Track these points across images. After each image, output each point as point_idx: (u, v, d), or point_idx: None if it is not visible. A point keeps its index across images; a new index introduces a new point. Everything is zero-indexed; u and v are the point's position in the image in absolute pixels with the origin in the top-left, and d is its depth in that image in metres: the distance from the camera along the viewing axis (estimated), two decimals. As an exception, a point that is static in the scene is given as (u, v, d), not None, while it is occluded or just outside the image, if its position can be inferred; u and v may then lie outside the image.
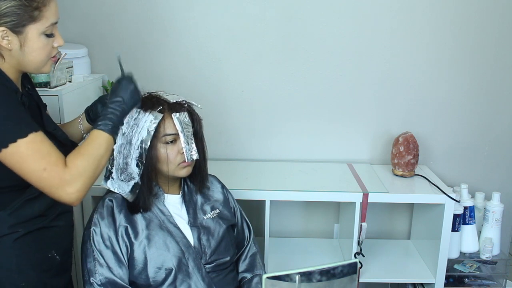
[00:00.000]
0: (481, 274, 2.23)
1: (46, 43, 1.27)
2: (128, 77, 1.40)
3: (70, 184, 1.22)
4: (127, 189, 1.48)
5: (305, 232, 2.50)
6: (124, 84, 1.38)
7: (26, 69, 1.30)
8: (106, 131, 1.31)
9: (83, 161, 1.25)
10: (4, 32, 1.21)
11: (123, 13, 2.24)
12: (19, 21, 1.21)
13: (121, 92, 1.37)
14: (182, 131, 1.50)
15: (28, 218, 1.31)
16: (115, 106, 1.35)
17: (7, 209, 1.28)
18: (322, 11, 2.24)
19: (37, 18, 1.23)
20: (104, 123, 1.32)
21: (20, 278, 1.31)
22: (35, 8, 1.22)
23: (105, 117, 1.33)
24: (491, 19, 2.27)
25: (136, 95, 1.40)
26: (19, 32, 1.22)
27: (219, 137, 2.37)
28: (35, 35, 1.24)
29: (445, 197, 2.04)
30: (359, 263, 1.58)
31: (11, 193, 1.28)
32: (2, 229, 1.28)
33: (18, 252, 1.30)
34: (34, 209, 1.31)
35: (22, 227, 1.30)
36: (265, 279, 1.24)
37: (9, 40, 1.22)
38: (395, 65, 2.31)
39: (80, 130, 1.55)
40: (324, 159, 2.41)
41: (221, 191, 1.70)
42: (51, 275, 1.39)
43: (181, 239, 1.51)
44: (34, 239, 1.33)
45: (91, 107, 1.54)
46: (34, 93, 1.41)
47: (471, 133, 2.40)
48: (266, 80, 2.32)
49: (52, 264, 1.39)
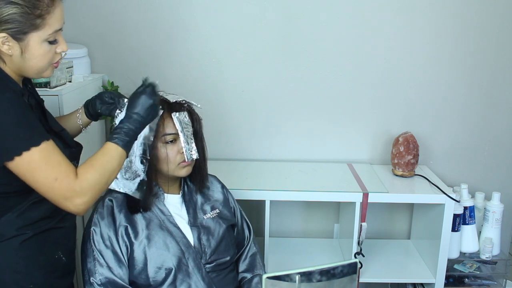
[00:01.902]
0: (481, 274, 2.23)
1: (48, 49, 1.25)
2: (149, 91, 1.37)
3: (79, 196, 1.21)
4: (133, 187, 1.48)
5: (305, 232, 2.50)
6: (143, 99, 1.35)
7: (27, 74, 1.28)
8: (121, 145, 1.29)
9: (94, 174, 1.24)
10: (5, 38, 1.19)
11: (123, 13, 2.24)
12: (20, 29, 1.18)
13: (140, 107, 1.34)
14: (182, 130, 1.50)
15: (35, 220, 1.30)
16: (134, 122, 1.33)
17: (14, 211, 1.27)
18: (322, 11, 2.24)
19: (40, 26, 1.21)
20: (121, 138, 1.30)
21: (28, 280, 1.30)
22: (38, 16, 1.19)
23: (122, 130, 1.31)
24: (491, 19, 2.27)
25: (154, 112, 1.38)
26: (20, 39, 1.20)
27: (219, 137, 2.37)
28: (36, 42, 1.22)
29: (445, 197, 2.04)
30: (359, 263, 1.58)
31: (16, 197, 1.27)
32: (10, 231, 1.27)
33: (26, 254, 1.29)
34: (41, 211, 1.31)
35: (30, 229, 1.29)
36: (265, 279, 1.24)
37: (9, 45, 1.20)
38: (395, 65, 2.31)
39: (79, 125, 1.54)
40: (324, 159, 2.41)
41: (221, 191, 1.70)
42: (58, 276, 1.38)
43: (181, 239, 1.51)
44: (41, 240, 1.32)
45: (90, 101, 1.53)
46: (34, 92, 1.40)
47: (471, 133, 2.40)
48: (266, 80, 2.32)
49: (58, 265, 1.38)
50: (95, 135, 2.18)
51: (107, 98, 1.50)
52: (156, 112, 1.40)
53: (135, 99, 1.36)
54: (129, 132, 1.31)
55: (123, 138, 1.30)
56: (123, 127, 1.31)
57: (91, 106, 1.52)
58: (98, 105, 1.50)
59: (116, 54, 2.28)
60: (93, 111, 1.52)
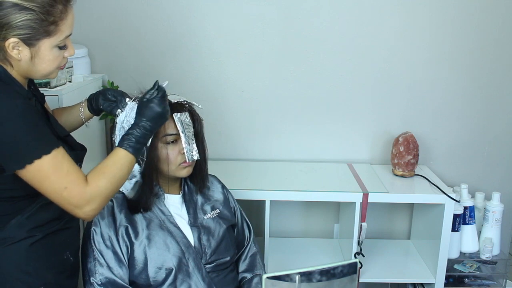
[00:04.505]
0: (481, 274, 2.23)
1: (58, 55, 1.25)
2: (158, 100, 1.36)
3: (89, 203, 1.22)
4: (129, 187, 1.49)
5: (305, 232, 2.50)
6: (153, 108, 1.35)
7: (33, 77, 1.28)
8: (132, 152, 1.29)
9: (105, 181, 1.24)
10: (16, 43, 1.18)
11: (123, 13, 2.24)
12: (33, 35, 1.17)
13: (149, 116, 1.34)
14: (183, 131, 1.50)
15: (44, 222, 1.30)
16: (143, 129, 1.32)
17: (24, 213, 1.27)
18: (322, 11, 2.24)
19: (53, 32, 1.20)
20: (131, 144, 1.30)
21: (38, 281, 1.30)
22: (51, 22, 1.18)
23: (132, 137, 1.31)
24: (491, 19, 2.27)
25: (164, 119, 1.39)
26: (32, 44, 1.19)
27: (219, 137, 2.37)
28: (48, 48, 1.21)
29: (445, 197, 2.04)
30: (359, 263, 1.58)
31: (25, 200, 1.27)
32: (20, 233, 1.27)
33: (35, 255, 1.29)
34: (50, 212, 1.31)
35: (40, 231, 1.30)
36: (265, 279, 1.24)
37: (19, 50, 1.19)
38: (395, 65, 2.31)
39: (81, 118, 1.54)
40: (324, 159, 2.41)
41: (221, 191, 1.70)
42: (66, 276, 1.39)
43: (181, 239, 1.51)
44: (50, 242, 1.32)
45: (94, 96, 1.53)
46: (37, 93, 1.40)
47: (471, 133, 2.40)
48: (266, 80, 2.32)
49: (67, 265, 1.39)
50: (95, 136, 2.18)
51: (110, 95, 1.50)
52: (166, 118, 1.40)
53: (145, 108, 1.35)
54: (140, 139, 1.32)
55: (133, 144, 1.30)
56: (133, 134, 1.31)
57: (94, 101, 1.52)
58: (101, 101, 1.51)
59: (116, 54, 2.28)
60: (95, 106, 1.52)
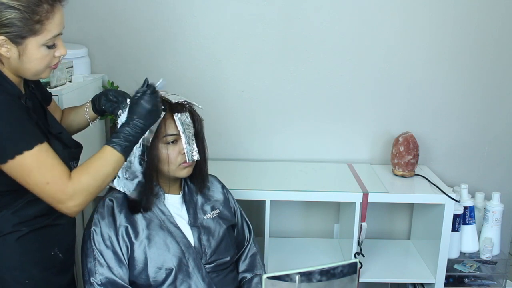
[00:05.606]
0: (481, 274, 2.23)
1: (46, 54, 1.25)
2: (147, 96, 1.35)
3: (71, 199, 1.22)
4: (131, 188, 1.49)
5: (305, 232, 2.50)
6: (142, 105, 1.33)
7: (24, 76, 1.29)
8: (119, 150, 1.29)
9: (88, 177, 1.24)
10: (4, 41, 1.19)
11: (123, 13, 2.24)
12: (18, 33, 1.19)
13: (139, 113, 1.33)
14: (184, 131, 1.50)
15: (31, 218, 1.32)
16: (134, 127, 1.32)
17: (9, 208, 1.29)
18: (322, 11, 2.24)
19: (38, 31, 1.21)
20: (119, 142, 1.29)
21: (24, 276, 1.31)
22: (36, 21, 1.19)
23: (121, 134, 1.30)
24: (491, 19, 2.27)
25: (155, 115, 1.37)
26: (18, 43, 1.20)
27: (219, 137, 2.37)
28: (34, 46, 1.22)
29: (445, 197, 2.04)
30: (359, 263, 1.58)
31: (11, 195, 1.29)
32: (5, 227, 1.29)
33: (21, 250, 1.31)
34: (37, 209, 1.32)
35: (26, 226, 1.31)
36: (265, 279, 1.24)
37: (7, 48, 1.21)
38: (395, 65, 2.31)
39: (86, 118, 1.56)
40: (324, 159, 2.41)
41: (221, 191, 1.70)
42: (54, 272, 1.39)
43: (181, 239, 1.51)
44: (37, 237, 1.33)
45: (97, 97, 1.54)
46: (37, 92, 1.41)
47: (471, 133, 2.40)
48: (266, 80, 2.32)
49: (55, 261, 1.39)
50: (95, 135, 2.18)
51: (111, 96, 1.51)
52: (158, 115, 1.39)
53: (134, 105, 1.35)
54: (129, 137, 1.31)
55: (121, 143, 1.30)
56: (123, 132, 1.31)
57: (97, 102, 1.54)
58: (103, 101, 1.52)
59: (116, 54, 2.28)
60: (98, 107, 1.54)
